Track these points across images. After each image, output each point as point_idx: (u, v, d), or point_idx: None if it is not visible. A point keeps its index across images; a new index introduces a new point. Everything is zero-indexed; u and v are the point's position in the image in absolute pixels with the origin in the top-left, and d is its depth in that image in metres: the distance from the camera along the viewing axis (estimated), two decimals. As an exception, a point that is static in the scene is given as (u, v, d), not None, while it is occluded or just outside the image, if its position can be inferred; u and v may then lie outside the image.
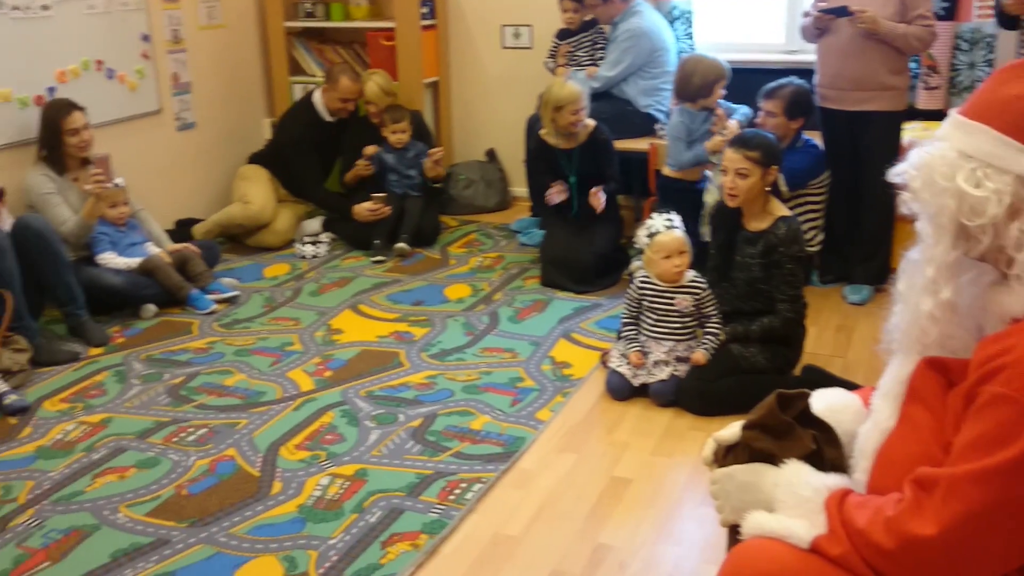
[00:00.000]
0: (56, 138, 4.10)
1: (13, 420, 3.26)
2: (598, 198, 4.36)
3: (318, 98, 5.16)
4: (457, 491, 2.76)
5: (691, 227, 3.44)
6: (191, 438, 3.10)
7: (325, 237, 5.07)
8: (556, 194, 4.42)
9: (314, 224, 5.18)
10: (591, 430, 3.14)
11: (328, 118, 5.18)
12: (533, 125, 4.85)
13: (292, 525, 2.61)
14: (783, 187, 3.95)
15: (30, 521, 2.66)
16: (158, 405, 3.34)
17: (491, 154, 5.81)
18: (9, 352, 3.53)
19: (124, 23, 4.72)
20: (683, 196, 4.16)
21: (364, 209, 4.97)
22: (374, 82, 5.07)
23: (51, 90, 4.33)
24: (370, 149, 5.02)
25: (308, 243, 4.99)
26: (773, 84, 4.13)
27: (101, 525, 2.63)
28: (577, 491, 2.78)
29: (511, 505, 2.71)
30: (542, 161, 4.58)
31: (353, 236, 5.02)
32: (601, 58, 4.99)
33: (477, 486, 2.78)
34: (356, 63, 5.61)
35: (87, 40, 4.53)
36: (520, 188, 5.66)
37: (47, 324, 4.00)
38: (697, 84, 4.16)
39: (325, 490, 2.78)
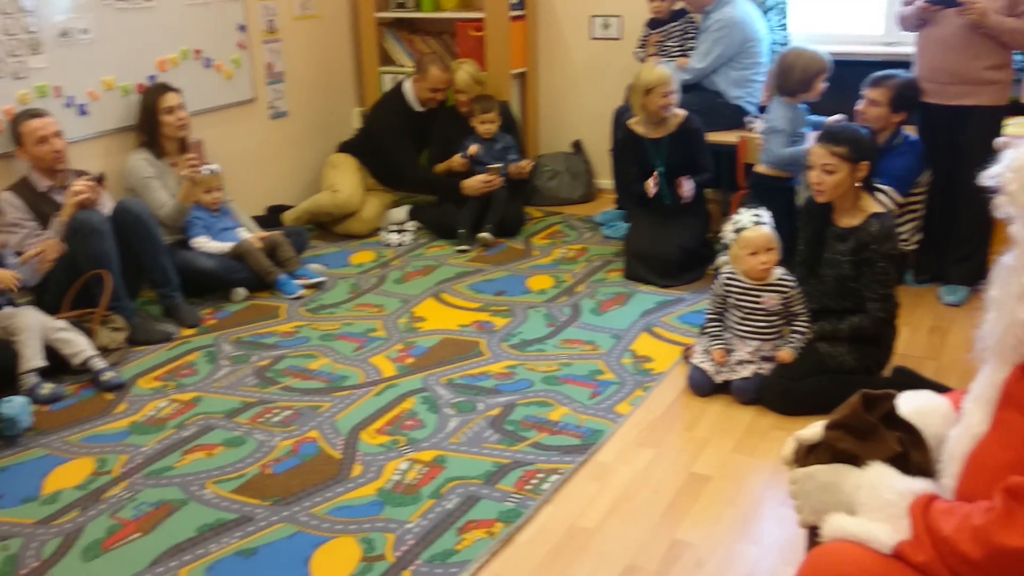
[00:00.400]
0: (153, 119, 4.26)
1: (110, 396, 3.39)
2: (686, 187, 4.30)
3: (408, 88, 5.22)
4: (534, 481, 2.76)
5: (785, 226, 3.35)
6: (276, 419, 3.18)
7: (410, 226, 5.13)
8: (655, 184, 4.36)
9: (400, 213, 5.24)
10: (671, 425, 3.11)
11: (418, 108, 5.23)
12: (621, 115, 4.81)
13: (371, 508, 2.66)
14: (897, 198, 3.84)
15: (123, 493, 2.76)
16: (245, 386, 3.43)
17: (577, 145, 5.79)
18: (107, 331, 3.68)
19: (222, 14, 4.85)
20: (777, 195, 4.05)
21: (478, 181, 4.97)
22: (464, 71, 5.10)
23: (151, 78, 4.48)
24: (473, 149, 5.03)
25: (394, 231, 5.05)
26: (882, 73, 3.99)
27: (189, 500, 2.72)
28: (654, 486, 2.76)
29: (587, 497, 2.71)
30: (629, 152, 4.54)
31: (438, 225, 5.07)
32: (692, 48, 4.92)
33: (554, 477, 2.78)
34: (445, 54, 5.65)
35: (186, 30, 4.67)
36: (605, 180, 5.63)
37: (143, 305, 4.14)
38: (797, 78, 4.07)
39: (404, 475, 2.82)
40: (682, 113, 4.42)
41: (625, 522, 2.59)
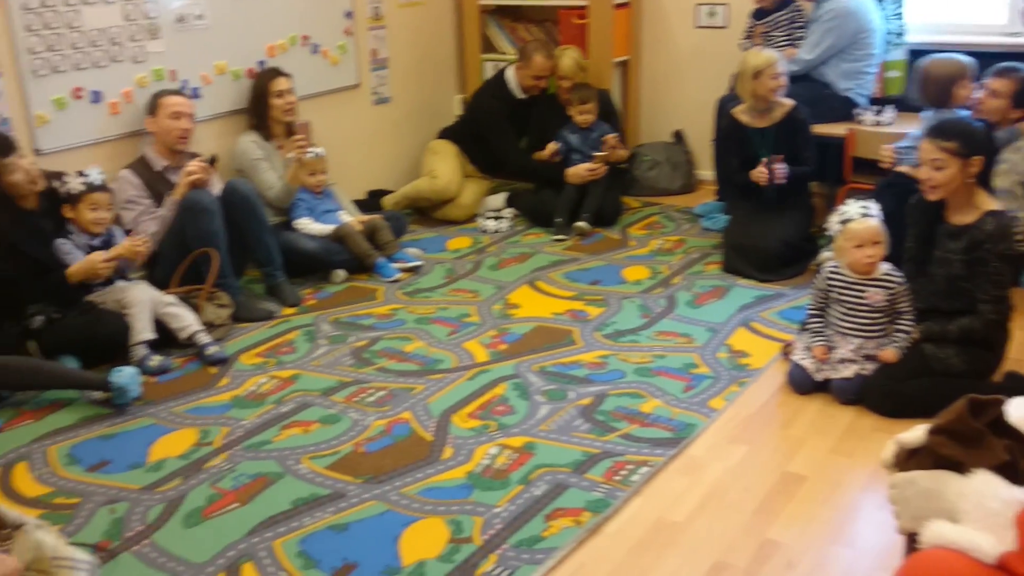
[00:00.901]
0: (263, 102, 4.38)
1: (213, 370, 3.51)
2: (779, 170, 4.17)
3: (511, 75, 5.23)
4: (623, 472, 2.74)
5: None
6: (371, 399, 3.24)
7: (507, 213, 5.15)
8: (767, 169, 4.26)
9: (497, 200, 5.27)
10: (766, 423, 3.04)
11: (519, 95, 5.24)
12: (724, 104, 4.72)
13: (460, 490, 2.68)
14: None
15: (223, 464, 2.86)
16: (342, 366, 3.50)
17: (678, 135, 5.71)
18: (213, 307, 3.81)
19: (330, 1, 4.94)
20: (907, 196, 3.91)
21: (583, 169, 4.96)
22: (569, 56, 5.08)
23: (261, 63, 4.60)
24: (549, 148, 5.00)
25: (491, 218, 5.08)
26: (1008, 64, 3.81)
27: (285, 474, 2.80)
28: (747, 483, 2.71)
29: (677, 491, 2.68)
30: (732, 141, 4.45)
31: (535, 213, 5.07)
32: (799, 38, 4.79)
33: (644, 469, 2.76)
34: (548, 41, 5.64)
35: (296, 16, 4.78)
36: (706, 171, 5.53)
37: (247, 283, 4.27)
38: (933, 90, 3.95)
39: (493, 459, 2.84)
40: (789, 102, 4.32)
41: (715, 518, 2.55)
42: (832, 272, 3.20)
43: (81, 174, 3.58)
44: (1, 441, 3.03)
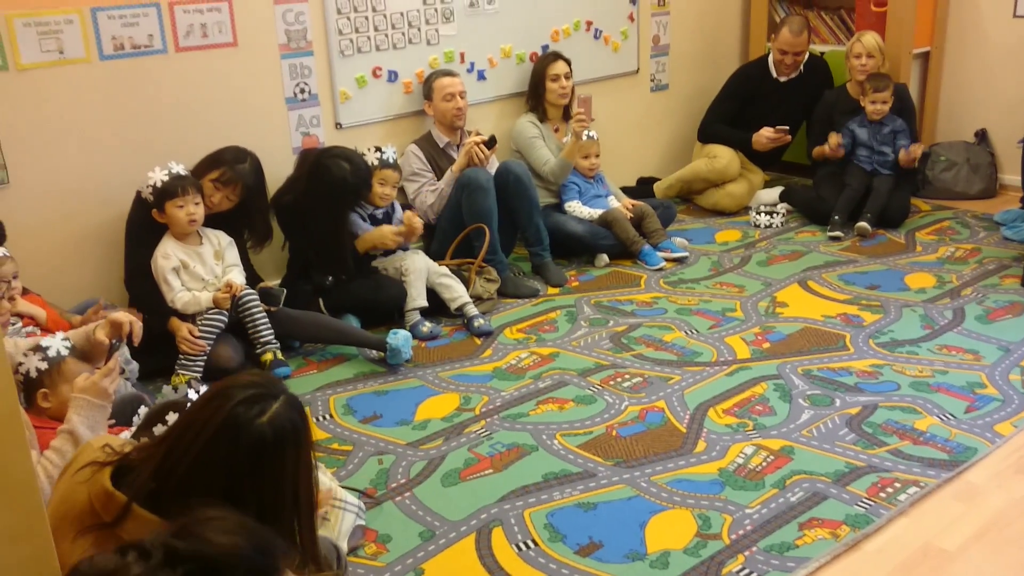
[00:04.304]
0: (541, 85, 4.50)
1: (478, 341, 3.65)
2: None
3: (772, 55, 5.05)
4: (890, 489, 2.56)
5: None
6: (626, 384, 3.24)
7: (781, 208, 4.94)
8: None
9: (771, 194, 5.07)
10: (1062, 456, 2.72)
11: (775, 75, 5.02)
12: (1040, 104, 4.26)
13: (711, 486, 2.62)
14: None
15: (481, 431, 2.97)
16: (600, 348, 3.53)
17: (981, 135, 5.22)
18: (482, 281, 3.96)
19: (616, -14, 4.97)
20: None
21: (763, 137, 4.86)
22: (871, 36, 4.76)
23: (544, 47, 4.71)
24: (824, 147, 4.74)
25: (764, 212, 4.90)
26: None
27: (538, 447, 2.86)
28: (1034, 520, 2.44)
29: (950, 517, 2.46)
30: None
31: (811, 209, 4.84)
32: None
33: (913, 489, 2.56)
34: (840, 30, 5.35)
35: (580, 2, 4.84)
36: (1011, 176, 5.02)
37: (515, 261, 4.40)
38: None
39: (748, 459, 2.74)
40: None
41: (993, 552, 2.32)
42: None
43: (379, 150, 3.84)
44: (291, 387, 3.32)
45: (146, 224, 3.39)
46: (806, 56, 5.02)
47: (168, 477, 1.58)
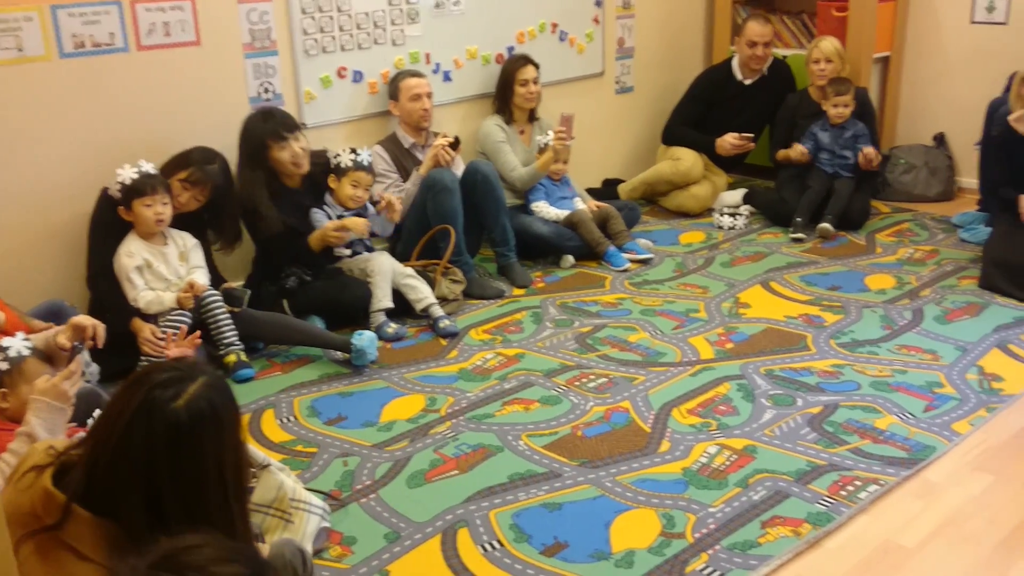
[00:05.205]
0: (509, 88, 4.50)
1: (444, 342, 3.65)
2: None
3: (736, 61, 5.10)
4: (850, 488, 2.60)
5: None
6: (591, 385, 3.25)
7: (744, 210, 4.99)
8: None
9: (735, 196, 5.12)
10: (1017, 453, 2.78)
11: (740, 77, 5.08)
12: (996, 109, 4.34)
13: (675, 485, 2.64)
14: None
15: (447, 432, 2.97)
16: (566, 349, 3.54)
17: (939, 139, 5.31)
18: (447, 282, 3.96)
19: (581, -11, 4.99)
20: None
21: (727, 143, 4.95)
22: (829, 41, 4.83)
23: (510, 49, 4.72)
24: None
25: (727, 214, 4.94)
26: None
27: (504, 448, 2.86)
28: (990, 515, 2.48)
29: (909, 515, 2.50)
30: (1004, 150, 4.08)
31: (773, 211, 4.89)
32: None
33: (873, 487, 2.60)
34: (802, 34, 5.42)
35: (546, 4, 4.86)
36: (968, 179, 5.12)
37: (480, 262, 4.40)
38: None
39: (712, 458, 2.77)
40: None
41: (950, 549, 2.36)
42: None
43: (354, 151, 3.81)
44: (254, 388, 3.31)
45: (111, 222, 3.35)
46: (771, 53, 5.08)
47: (95, 468, 1.56)
